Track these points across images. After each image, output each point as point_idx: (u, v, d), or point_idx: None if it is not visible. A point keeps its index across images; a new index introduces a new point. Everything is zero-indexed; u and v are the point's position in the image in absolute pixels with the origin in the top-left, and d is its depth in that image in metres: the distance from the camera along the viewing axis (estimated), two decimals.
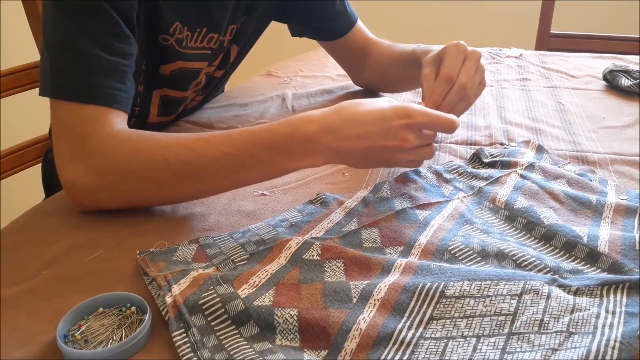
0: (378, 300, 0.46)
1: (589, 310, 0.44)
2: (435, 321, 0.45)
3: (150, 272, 0.51)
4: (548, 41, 1.67)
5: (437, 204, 0.62)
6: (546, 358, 0.40)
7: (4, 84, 0.99)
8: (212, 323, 0.44)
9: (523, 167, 0.69)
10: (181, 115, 0.93)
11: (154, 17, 0.72)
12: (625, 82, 1.04)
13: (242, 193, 0.67)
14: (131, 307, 0.46)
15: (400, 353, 0.42)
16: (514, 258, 0.52)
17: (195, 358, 0.41)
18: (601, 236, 0.55)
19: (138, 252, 0.54)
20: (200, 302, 0.46)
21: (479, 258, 0.52)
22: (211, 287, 0.47)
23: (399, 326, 0.44)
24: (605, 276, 0.49)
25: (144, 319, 0.44)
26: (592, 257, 0.52)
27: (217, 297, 0.46)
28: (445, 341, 0.43)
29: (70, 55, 0.61)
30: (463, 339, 0.43)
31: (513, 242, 0.55)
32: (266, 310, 0.44)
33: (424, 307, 0.46)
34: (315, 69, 1.22)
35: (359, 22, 0.99)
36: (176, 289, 0.47)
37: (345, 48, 1.00)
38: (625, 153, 0.78)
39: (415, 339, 0.43)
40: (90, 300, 0.46)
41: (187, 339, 0.43)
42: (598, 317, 0.44)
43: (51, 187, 1.01)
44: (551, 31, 1.67)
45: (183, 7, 0.75)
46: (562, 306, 0.45)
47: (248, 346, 0.42)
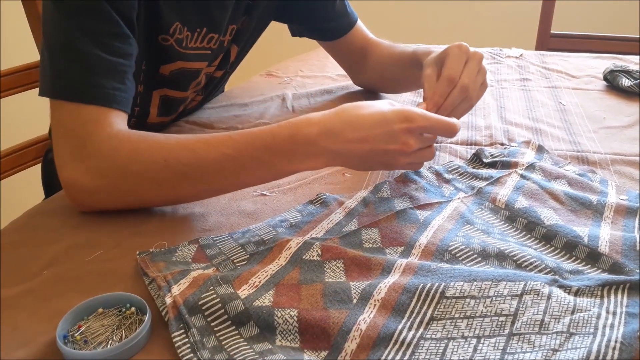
0: (378, 300, 0.46)
1: (590, 310, 0.44)
2: (435, 322, 0.45)
3: (150, 273, 0.50)
4: (548, 41, 1.67)
5: (438, 204, 0.62)
6: (547, 358, 0.40)
7: (4, 84, 0.99)
8: (212, 324, 0.44)
9: (523, 168, 0.69)
10: (181, 115, 0.93)
11: (154, 17, 0.72)
12: (625, 82, 1.04)
13: (242, 193, 0.67)
14: (131, 308, 0.46)
15: (400, 354, 0.42)
16: (515, 258, 0.52)
17: (195, 358, 0.41)
18: (602, 236, 0.55)
19: (138, 253, 0.54)
20: (200, 303, 0.46)
21: (480, 258, 0.52)
22: (211, 288, 0.47)
23: (400, 327, 0.44)
24: (605, 276, 0.49)
25: (144, 320, 0.44)
26: (593, 258, 0.52)
27: (217, 298, 0.46)
28: (445, 342, 0.43)
29: (70, 55, 0.61)
30: (463, 340, 0.43)
31: (513, 243, 0.55)
32: (266, 310, 0.44)
33: (425, 308, 0.46)
34: (315, 69, 1.21)
35: (359, 22, 0.99)
36: (176, 290, 0.47)
37: (345, 48, 1.00)
38: (625, 153, 0.78)
39: (415, 340, 0.43)
40: (90, 300, 0.46)
41: (187, 340, 0.43)
42: (599, 318, 0.44)
43: (51, 187, 1.01)
44: (551, 31, 1.67)
45: (183, 7, 0.75)
46: (563, 307, 0.45)
47: (248, 347, 0.42)
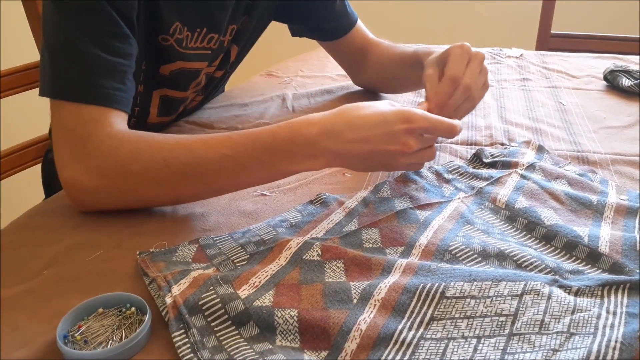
0: (378, 300, 0.46)
1: (590, 310, 0.44)
2: (435, 322, 0.45)
3: (150, 273, 0.50)
4: (548, 41, 1.67)
5: (438, 204, 0.62)
6: (547, 359, 0.40)
7: (4, 84, 0.99)
8: (212, 324, 0.44)
9: (524, 168, 0.69)
10: (181, 115, 0.93)
11: (154, 17, 0.72)
12: (625, 82, 1.04)
13: (243, 193, 0.67)
14: (131, 308, 0.46)
15: (400, 354, 0.42)
16: (515, 258, 0.52)
17: (195, 359, 0.41)
18: (602, 236, 0.55)
19: (138, 253, 0.54)
20: (200, 303, 0.46)
21: (480, 258, 0.52)
22: (211, 288, 0.47)
23: (400, 327, 0.44)
24: (606, 277, 0.49)
25: (144, 320, 0.44)
26: (593, 258, 0.52)
27: (217, 298, 0.46)
28: (445, 342, 0.43)
29: (70, 55, 0.61)
30: (464, 340, 0.43)
31: (514, 243, 0.55)
32: (266, 310, 0.44)
33: (425, 308, 0.46)
34: (315, 69, 1.21)
35: (359, 23, 0.99)
36: (176, 290, 0.47)
37: (345, 48, 1.00)
38: (625, 153, 0.78)
39: (415, 340, 0.43)
40: (90, 300, 0.46)
41: (187, 340, 0.43)
42: (599, 318, 0.44)
43: (51, 187, 1.01)
44: (552, 31, 1.67)
45: (183, 7, 0.75)
46: (563, 307, 0.45)
47: (248, 347, 0.42)
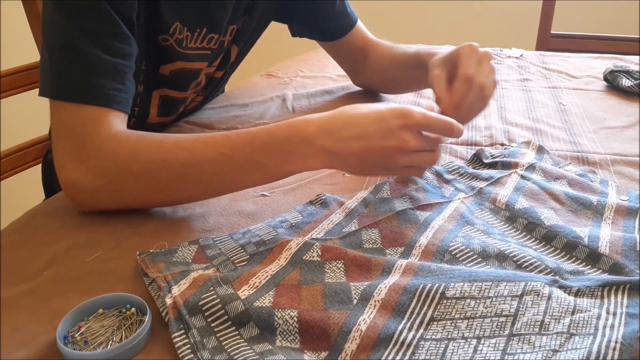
0: (378, 301, 0.46)
1: (590, 311, 0.44)
2: (435, 322, 0.45)
3: (150, 273, 0.50)
4: (548, 41, 1.67)
5: (438, 205, 0.62)
6: (547, 359, 0.40)
7: (4, 85, 0.99)
8: (212, 324, 0.44)
9: (524, 168, 0.69)
10: (181, 115, 0.93)
11: (154, 17, 0.72)
12: (625, 83, 1.04)
13: (243, 194, 0.67)
14: (131, 308, 0.46)
15: (400, 354, 0.42)
16: (515, 259, 0.52)
17: (195, 359, 0.41)
18: (602, 237, 0.55)
19: (138, 253, 0.54)
20: (200, 303, 0.46)
21: (480, 259, 0.52)
22: (211, 288, 0.47)
23: (400, 327, 0.44)
24: (606, 277, 0.49)
25: (144, 320, 0.44)
26: (593, 258, 0.52)
27: (217, 298, 0.46)
28: (445, 342, 0.43)
29: (70, 55, 0.61)
30: (464, 340, 0.43)
31: (514, 243, 0.55)
32: (266, 311, 0.44)
33: (425, 308, 0.46)
34: (315, 70, 1.21)
35: (359, 23, 0.99)
36: (176, 290, 0.47)
37: (345, 48, 1.00)
38: (626, 154, 0.78)
39: (415, 340, 0.43)
40: (90, 301, 0.46)
41: (187, 340, 0.43)
42: (599, 318, 0.44)
43: (51, 188, 1.01)
44: (552, 31, 1.67)
45: (183, 7, 0.75)
46: (563, 307, 0.45)
47: (248, 347, 0.42)
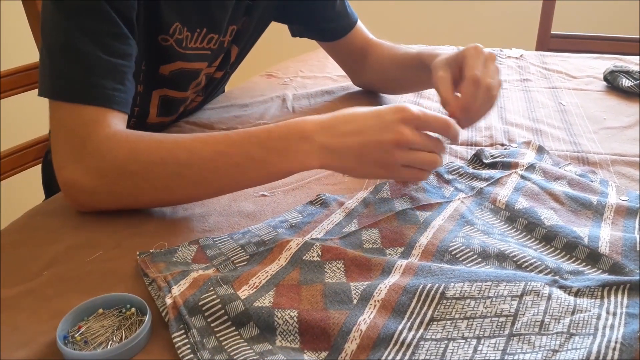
0: (378, 301, 0.46)
1: (590, 311, 0.44)
2: (435, 322, 0.45)
3: (150, 273, 0.50)
4: (548, 42, 1.67)
5: (438, 205, 0.62)
6: (547, 359, 0.40)
7: (4, 85, 0.99)
8: (212, 324, 0.44)
9: (524, 168, 0.69)
10: (181, 116, 0.93)
11: (154, 17, 0.72)
12: (625, 83, 1.04)
13: (243, 194, 0.66)
14: (131, 308, 0.46)
15: (400, 354, 0.42)
16: (515, 259, 0.52)
17: (195, 359, 0.41)
18: (602, 237, 0.55)
19: (138, 253, 0.54)
20: (200, 303, 0.46)
21: (480, 259, 0.52)
22: (211, 288, 0.47)
23: (400, 327, 0.44)
24: (606, 277, 0.49)
25: (144, 320, 0.44)
26: (593, 258, 0.52)
27: (217, 298, 0.46)
28: (445, 342, 0.43)
29: (70, 55, 0.61)
30: (463, 340, 0.43)
31: (514, 243, 0.55)
32: (266, 311, 0.44)
33: (425, 308, 0.46)
34: (315, 70, 1.21)
35: (359, 23, 0.99)
36: (176, 290, 0.47)
37: (345, 49, 1.00)
38: (626, 154, 0.78)
39: (415, 340, 0.43)
40: (90, 301, 0.46)
41: (187, 340, 0.43)
42: (599, 318, 0.44)
43: (51, 188, 1.01)
44: (552, 32, 1.67)
45: (183, 8, 0.75)
46: (563, 307, 0.45)
47: (248, 347, 0.42)
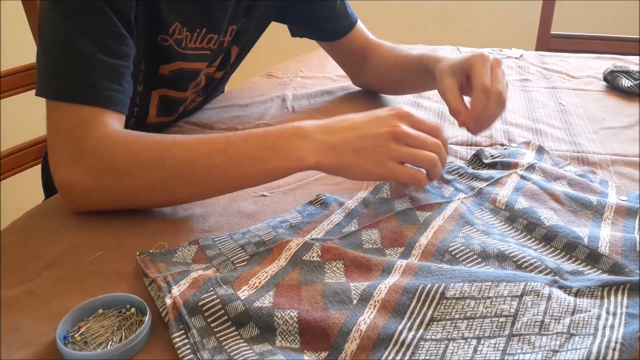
0: (378, 301, 0.46)
1: (590, 311, 0.44)
2: (435, 322, 0.45)
3: (150, 273, 0.50)
4: (548, 42, 1.67)
5: (438, 205, 0.62)
6: (547, 359, 0.40)
7: (4, 85, 0.99)
8: (212, 324, 0.44)
9: (523, 168, 0.69)
10: (181, 116, 0.93)
11: (154, 17, 0.72)
12: (625, 83, 1.04)
13: (242, 194, 0.66)
14: (131, 309, 0.46)
15: (400, 354, 0.42)
16: (515, 259, 0.52)
17: (195, 359, 0.41)
18: (602, 237, 0.55)
19: (138, 253, 0.54)
20: (200, 304, 0.46)
21: (480, 259, 0.52)
22: (211, 289, 0.47)
23: (400, 327, 0.44)
24: (606, 277, 0.49)
25: (144, 321, 0.44)
26: (593, 258, 0.52)
27: (217, 299, 0.46)
28: (445, 342, 0.43)
29: (69, 55, 0.61)
30: (463, 341, 0.43)
31: (513, 243, 0.55)
32: (266, 311, 0.44)
33: (425, 309, 0.46)
34: (315, 70, 1.21)
35: (359, 23, 0.99)
36: (176, 290, 0.47)
37: (345, 49, 1.00)
38: (625, 154, 0.78)
39: (415, 341, 0.43)
40: (90, 301, 0.46)
41: (187, 341, 0.43)
42: (599, 319, 0.44)
43: (51, 188, 1.01)
44: (551, 32, 1.67)
45: (183, 8, 0.75)
46: (563, 307, 0.45)
47: (248, 347, 0.42)
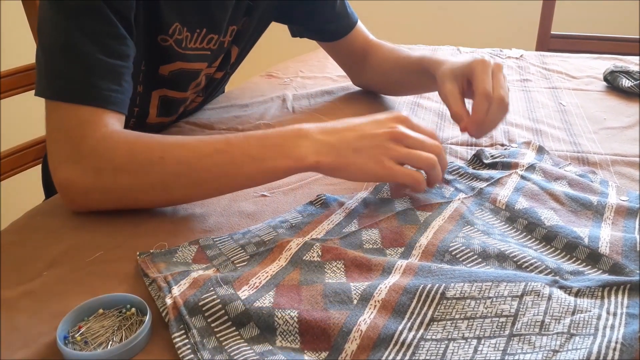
0: (379, 301, 0.46)
1: (590, 311, 0.44)
2: (436, 322, 0.45)
3: (150, 274, 0.50)
4: (548, 42, 1.67)
5: (438, 205, 0.62)
6: (547, 359, 0.40)
7: (4, 85, 0.99)
8: (212, 324, 0.44)
9: (524, 168, 0.69)
10: (181, 116, 0.93)
11: (154, 18, 0.72)
12: (625, 83, 1.04)
13: (243, 194, 0.66)
14: (131, 309, 0.46)
15: (401, 354, 0.42)
16: (515, 259, 0.52)
17: (195, 359, 0.41)
18: (602, 237, 0.55)
19: (138, 253, 0.54)
20: (200, 304, 0.46)
21: (480, 259, 0.52)
22: (211, 289, 0.47)
23: (400, 327, 0.44)
24: (606, 277, 0.49)
25: (144, 321, 0.44)
26: (593, 259, 0.52)
27: (217, 299, 0.46)
28: (446, 343, 0.43)
29: (69, 56, 0.61)
30: (464, 341, 0.43)
31: (514, 243, 0.55)
32: (266, 311, 0.44)
33: (425, 309, 0.46)
34: (315, 70, 1.22)
35: (360, 24, 0.99)
36: (176, 290, 0.47)
37: (345, 49, 1.00)
38: (626, 154, 0.78)
39: (416, 341, 0.43)
40: (90, 301, 0.46)
41: (187, 341, 0.43)
42: (599, 319, 0.44)
43: (51, 188, 1.01)
44: (552, 32, 1.67)
45: (183, 8, 0.75)
46: (563, 307, 0.45)
47: (248, 347, 0.42)
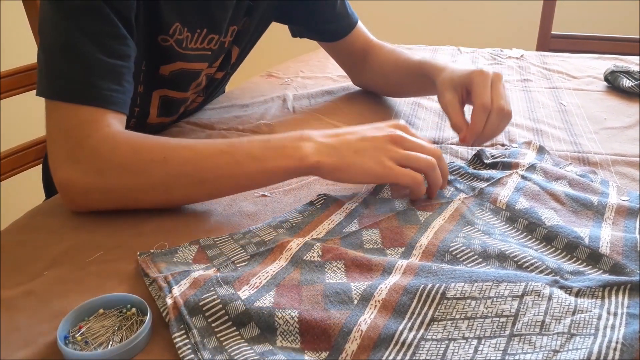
0: (379, 301, 0.46)
1: (591, 311, 0.44)
2: (436, 322, 0.45)
3: (150, 273, 0.50)
4: (549, 42, 1.67)
5: (438, 205, 0.62)
6: (547, 359, 0.40)
7: (4, 85, 0.99)
8: (213, 324, 0.44)
9: (524, 168, 0.69)
10: (182, 116, 0.93)
11: (154, 18, 0.72)
12: (626, 83, 1.04)
13: (243, 194, 0.66)
14: (132, 309, 0.46)
15: (401, 354, 0.42)
16: (515, 259, 0.52)
17: (195, 359, 0.41)
18: (602, 237, 0.55)
19: (139, 253, 0.54)
20: (200, 304, 0.46)
21: (480, 259, 0.52)
22: (212, 289, 0.47)
23: (400, 327, 0.44)
24: (606, 277, 0.49)
25: (145, 320, 0.44)
26: (594, 259, 0.52)
27: (218, 299, 0.46)
28: (446, 343, 0.43)
29: (69, 56, 0.61)
30: (464, 341, 0.43)
31: (514, 243, 0.55)
32: (267, 311, 0.44)
33: (425, 309, 0.46)
34: (316, 70, 1.22)
35: (360, 24, 0.99)
36: (176, 290, 0.47)
37: (345, 49, 1.00)
38: (626, 154, 0.78)
39: (416, 341, 0.43)
40: (90, 301, 0.46)
41: (188, 340, 0.43)
42: (599, 319, 0.44)
43: (52, 188, 1.01)
44: (552, 32, 1.67)
45: (183, 8, 0.75)
46: (564, 307, 0.45)
47: (248, 347, 0.42)
